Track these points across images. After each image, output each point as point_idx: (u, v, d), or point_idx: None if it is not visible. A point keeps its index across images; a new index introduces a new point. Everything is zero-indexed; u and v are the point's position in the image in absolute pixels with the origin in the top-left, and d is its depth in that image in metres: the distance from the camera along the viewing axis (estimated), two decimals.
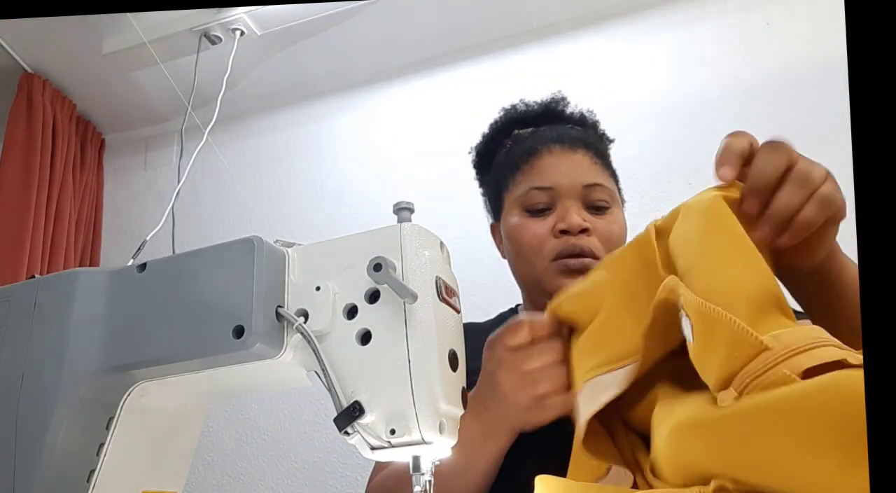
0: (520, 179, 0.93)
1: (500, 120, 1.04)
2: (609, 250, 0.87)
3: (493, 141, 1.04)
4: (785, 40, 1.53)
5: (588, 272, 0.86)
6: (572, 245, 0.86)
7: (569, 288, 0.67)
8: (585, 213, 0.88)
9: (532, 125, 1.00)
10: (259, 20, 1.67)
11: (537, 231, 0.88)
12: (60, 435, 0.55)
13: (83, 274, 0.60)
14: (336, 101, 1.92)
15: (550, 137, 0.94)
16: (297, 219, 1.85)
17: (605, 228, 0.88)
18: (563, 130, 0.96)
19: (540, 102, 1.02)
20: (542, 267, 0.88)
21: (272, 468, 1.64)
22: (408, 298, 0.52)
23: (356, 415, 0.51)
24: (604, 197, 0.90)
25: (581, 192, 0.89)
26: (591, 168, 0.91)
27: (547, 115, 1.01)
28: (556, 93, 1.04)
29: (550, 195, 0.89)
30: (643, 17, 1.67)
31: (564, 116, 1.01)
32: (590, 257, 0.86)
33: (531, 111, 1.02)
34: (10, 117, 1.77)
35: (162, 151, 2.05)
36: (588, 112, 1.05)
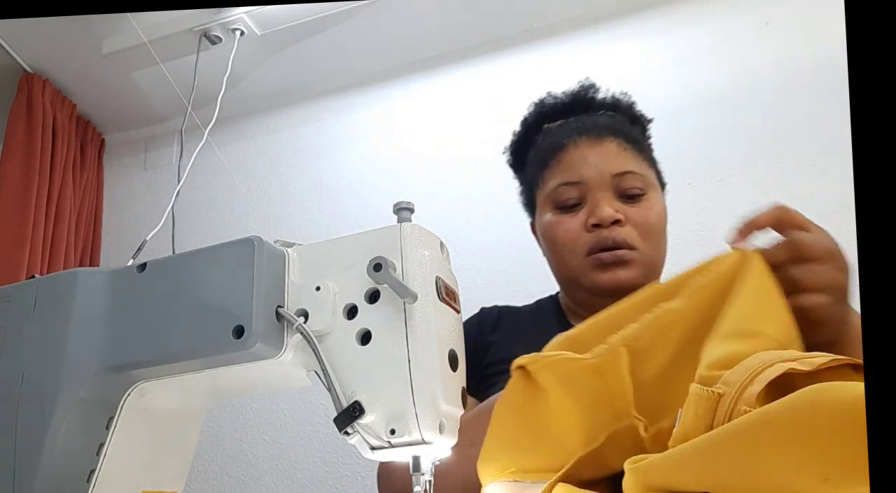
0: (548, 176, 0.91)
1: (530, 115, 1.01)
2: (646, 237, 0.86)
3: (524, 138, 1.01)
4: (784, 40, 1.53)
5: (624, 263, 0.84)
6: (605, 238, 0.84)
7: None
8: (618, 203, 0.86)
9: (561, 117, 0.97)
10: (259, 20, 1.67)
11: (569, 227, 0.87)
12: (60, 435, 0.55)
13: (83, 274, 0.60)
14: (336, 101, 1.92)
15: (576, 128, 0.92)
16: (297, 219, 1.85)
17: (639, 217, 0.86)
18: (589, 120, 0.94)
19: (568, 92, 1.00)
20: (576, 263, 0.87)
21: (272, 468, 1.64)
22: (408, 298, 0.52)
23: (356, 415, 0.51)
24: (636, 184, 0.87)
25: (611, 182, 0.86)
26: (620, 156, 0.88)
27: (576, 104, 0.98)
28: (584, 80, 1.00)
29: (580, 189, 0.87)
30: (643, 18, 1.67)
31: (595, 104, 0.98)
32: (624, 249, 0.84)
33: (560, 103, 0.99)
34: (10, 117, 1.77)
35: (162, 151, 2.05)
36: (621, 95, 1.01)
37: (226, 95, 1.68)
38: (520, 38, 1.76)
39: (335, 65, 1.86)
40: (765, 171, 1.46)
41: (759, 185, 1.46)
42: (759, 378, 0.42)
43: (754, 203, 1.56)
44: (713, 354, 0.48)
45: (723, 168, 1.50)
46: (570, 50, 1.71)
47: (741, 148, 1.50)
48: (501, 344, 0.92)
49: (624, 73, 1.65)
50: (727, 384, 0.44)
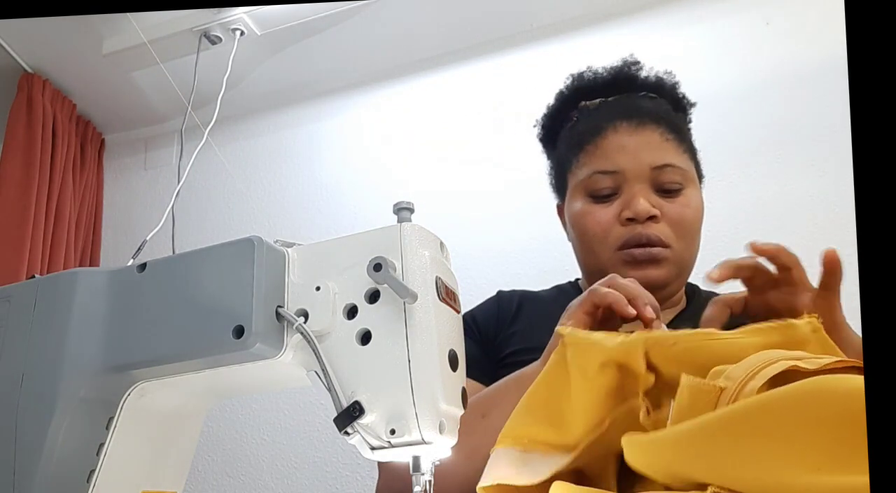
0: (584, 161, 0.86)
1: (566, 90, 0.96)
2: (681, 235, 0.83)
3: (558, 113, 0.96)
4: (785, 40, 1.53)
5: (656, 261, 0.82)
6: (639, 234, 0.81)
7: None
8: (654, 197, 0.83)
9: (601, 95, 0.92)
10: (259, 20, 1.67)
11: (601, 219, 0.83)
12: (60, 435, 0.55)
13: (83, 274, 0.60)
14: (336, 100, 1.92)
15: (617, 112, 0.87)
16: (297, 219, 1.85)
17: (675, 213, 0.83)
18: (631, 103, 0.89)
19: (610, 68, 0.94)
20: (606, 256, 0.84)
21: (272, 468, 1.64)
22: (408, 298, 0.52)
23: (356, 415, 0.51)
24: (675, 178, 0.83)
25: (649, 174, 0.83)
26: (661, 146, 0.84)
27: (618, 82, 0.93)
28: (629, 56, 0.95)
29: (616, 179, 0.83)
30: (642, 18, 1.67)
31: (637, 83, 0.93)
32: (658, 247, 0.81)
33: (600, 79, 0.94)
34: (10, 117, 1.77)
35: (162, 151, 2.05)
36: (666, 74, 0.96)
37: (226, 95, 1.68)
38: (520, 38, 1.76)
39: (335, 65, 1.86)
40: (765, 171, 1.46)
41: (759, 185, 1.46)
42: (762, 374, 0.42)
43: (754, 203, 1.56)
44: None
45: (723, 168, 1.50)
46: (569, 50, 1.71)
47: (741, 148, 1.50)
48: (525, 333, 0.88)
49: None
50: (729, 379, 0.44)
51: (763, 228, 1.42)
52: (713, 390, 0.44)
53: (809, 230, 1.38)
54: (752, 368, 0.44)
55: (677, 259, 0.84)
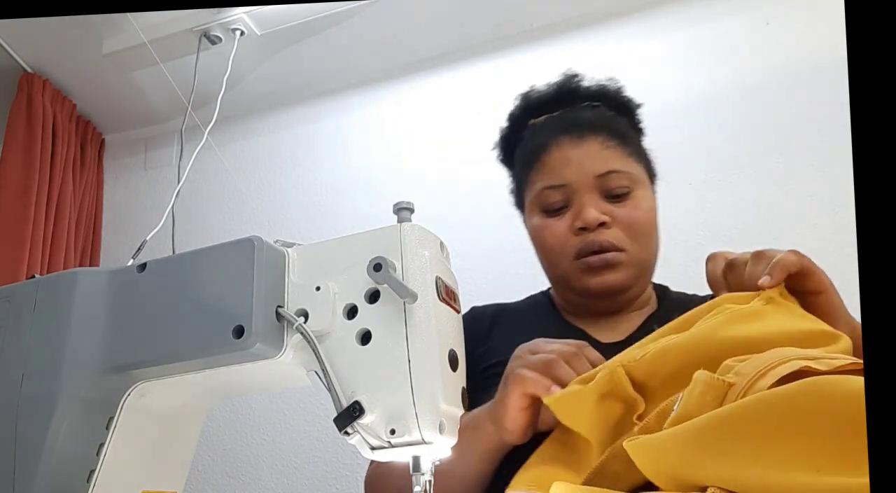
0: (534, 178, 0.89)
1: (515, 110, 0.99)
2: (634, 237, 0.85)
3: (511, 134, 0.99)
4: (784, 40, 1.53)
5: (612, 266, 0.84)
6: (591, 242, 0.83)
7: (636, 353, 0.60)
8: (604, 204, 0.85)
9: (547, 111, 0.95)
10: (259, 20, 1.67)
11: (556, 231, 0.86)
12: (60, 435, 0.55)
13: (83, 274, 0.60)
14: (336, 101, 1.92)
15: (557, 127, 0.90)
16: (297, 219, 1.85)
17: (626, 217, 0.85)
18: (572, 116, 0.91)
19: (552, 84, 0.97)
20: (566, 267, 0.86)
21: (272, 468, 1.64)
22: (408, 298, 0.52)
23: (356, 415, 0.51)
24: (621, 183, 0.85)
25: (595, 183, 0.85)
26: (603, 154, 0.86)
27: (561, 96, 0.95)
28: (568, 70, 0.98)
29: (564, 192, 0.86)
30: (642, 18, 1.67)
31: (580, 94, 0.95)
32: (612, 252, 0.84)
33: (544, 95, 0.96)
34: (10, 117, 1.77)
35: (162, 151, 2.05)
36: (608, 81, 0.99)
37: (226, 95, 1.68)
38: (520, 37, 1.76)
39: (335, 65, 1.86)
40: (765, 171, 1.46)
41: (759, 184, 1.46)
42: (773, 372, 0.42)
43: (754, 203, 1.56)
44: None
45: (723, 168, 1.50)
46: (569, 50, 1.71)
47: (741, 148, 1.50)
48: (500, 346, 0.91)
49: (624, 73, 1.65)
50: (739, 375, 0.44)
51: (763, 228, 1.42)
52: (721, 386, 0.44)
53: (809, 230, 1.38)
54: (764, 365, 0.43)
55: (634, 261, 0.86)
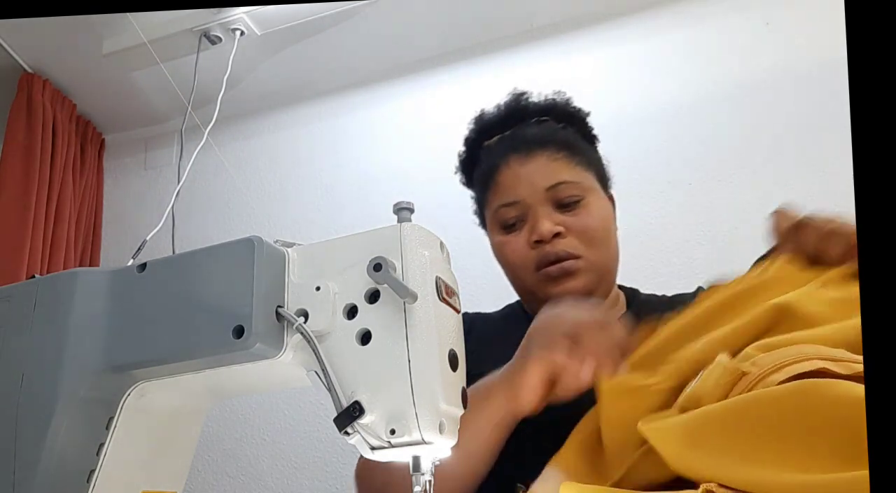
0: (490, 198, 0.93)
1: (470, 134, 1.03)
2: (590, 243, 0.88)
3: (468, 157, 1.04)
4: (785, 40, 1.53)
5: (571, 273, 0.86)
6: (547, 253, 0.87)
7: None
8: (557, 215, 0.88)
9: (498, 131, 0.99)
10: (259, 20, 1.67)
11: (515, 247, 0.89)
12: (60, 435, 0.55)
13: (83, 274, 0.60)
14: (336, 100, 1.92)
15: (507, 147, 0.93)
16: (297, 219, 1.85)
17: (579, 225, 0.88)
18: (519, 134, 0.95)
19: (502, 105, 1.01)
20: (529, 279, 0.90)
21: (272, 468, 1.64)
22: (408, 298, 0.52)
23: (356, 415, 0.51)
24: (571, 192, 0.88)
25: (546, 195, 0.88)
26: (550, 167, 0.89)
27: (510, 116, 0.99)
28: (516, 89, 1.02)
29: (518, 208, 0.89)
30: (643, 18, 1.67)
31: (529, 111, 0.99)
32: (569, 260, 0.86)
33: (495, 117, 1.00)
34: (10, 117, 1.77)
35: (162, 151, 2.05)
36: (556, 94, 1.02)
37: (226, 95, 1.68)
38: (520, 37, 1.76)
39: (335, 65, 1.86)
40: (765, 171, 1.46)
41: (759, 185, 1.46)
42: (787, 369, 0.42)
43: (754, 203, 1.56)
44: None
45: (723, 168, 1.50)
46: (570, 50, 1.71)
47: (741, 148, 1.50)
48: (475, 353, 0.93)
49: (625, 73, 1.65)
50: (755, 365, 0.44)
51: (763, 228, 1.42)
52: (734, 373, 0.44)
53: None
54: (781, 360, 0.43)
55: (591, 266, 0.88)
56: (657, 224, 1.50)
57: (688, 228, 1.48)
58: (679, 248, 1.47)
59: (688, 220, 1.48)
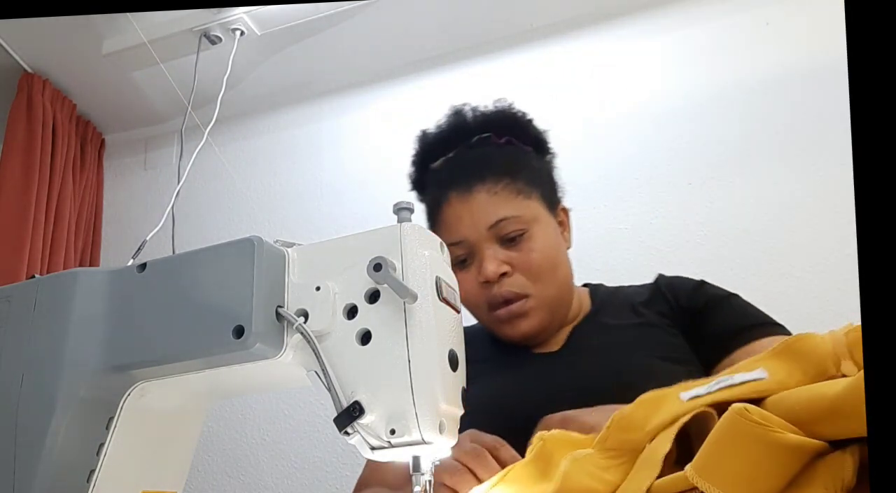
0: (439, 234, 0.91)
1: (415, 157, 1.03)
2: (537, 278, 0.87)
3: (418, 179, 1.03)
4: (784, 40, 1.53)
5: (521, 315, 0.86)
6: (494, 296, 0.86)
7: None
8: (503, 251, 0.87)
9: (442, 153, 0.97)
10: (259, 20, 1.67)
11: (466, 286, 0.88)
12: (60, 435, 0.55)
13: (83, 274, 0.60)
14: (336, 101, 1.92)
15: (447, 182, 0.92)
16: (297, 219, 1.85)
17: (524, 262, 0.87)
18: (458, 166, 0.93)
19: (444, 124, 0.99)
20: (484, 318, 0.90)
21: (272, 468, 1.64)
22: (408, 298, 0.52)
23: (356, 415, 0.51)
24: (514, 228, 0.87)
25: (489, 234, 0.87)
26: (491, 204, 0.87)
27: (452, 136, 0.97)
28: (456, 106, 1.00)
29: (464, 247, 0.88)
30: (643, 18, 1.67)
31: (470, 128, 0.97)
32: (517, 301, 0.86)
33: (437, 137, 0.99)
34: (10, 117, 1.77)
35: (162, 151, 2.05)
36: (497, 103, 1.00)
37: (226, 95, 1.68)
38: (520, 37, 1.76)
39: (335, 65, 1.86)
40: (765, 171, 1.46)
41: (759, 185, 1.46)
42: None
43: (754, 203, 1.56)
44: None
45: (723, 168, 1.50)
46: (570, 50, 1.71)
47: (741, 148, 1.50)
48: None
49: (625, 73, 1.65)
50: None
51: (763, 228, 1.42)
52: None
53: (809, 230, 1.38)
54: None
55: (542, 303, 0.88)
56: (657, 224, 1.50)
57: (688, 229, 1.48)
58: (679, 248, 1.47)
59: (688, 220, 1.48)
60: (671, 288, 0.93)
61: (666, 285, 0.94)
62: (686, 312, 0.89)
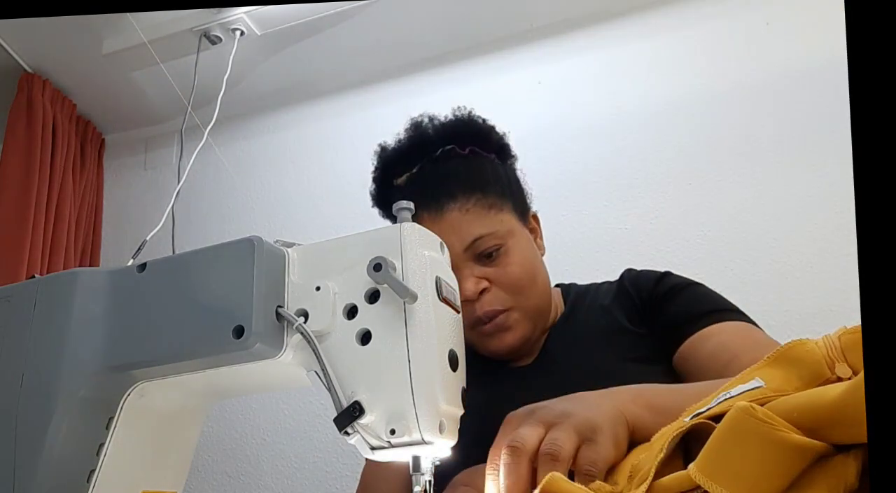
0: None
1: (375, 172, 1.00)
2: (516, 292, 0.86)
3: (381, 195, 1.00)
4: (784, 40, 1.53)
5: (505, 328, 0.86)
6: (477, 315, 0.85)
7: None
8: (479, 267, 0.86)
9: (406, 168, 0.94)
10: (259, 20, 1.67)
11: None
12: (60, 435, 0.55)
13: (83, 274, 0.60)
14: (336, 101, 1.92)
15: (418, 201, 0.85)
16: (297, 219, 1.85)
17: (501, 277, 0.86)
18: (427, 183, 0.90)
19: (404, 136, 0.97)
20: (469, 336, 0.88)
21: (272, 468, 1.64)
22: (408, 298, 0.52)
23: (356, 415, 0.51)
24: (489, 244, 0.86)
25: (464, 254, 0.86)
26: (463, 223, 0.86)
27: (414, 148, 0.95)
28: (416, 117, 0.98)
29: None
30: (643, 18, 1.67)
31: (432, 139, 0.94)
32: (500, 315, 0.85)
33: (399, 151, 0.97)
34: (10, 117, 1.77)
35: (162, 151, 2.05)
36: (457, 111, 0.98)
37: (226, 95, 1.68)
38: (520, 37, 1.76)
39: (335, 65, 1.86)
40: (765, 171, 1.46)
41: (759, 185, 1.46)
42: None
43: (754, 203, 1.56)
44: None
45: (723, 168, 1.50)
46: (570, 50, 1.71)
47: (741, 148, 1.50)
48: None
49: (625, 73, 1.65)
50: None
51: (763, 228, 1.42)
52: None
53: (809, 230, 1.38)
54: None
55: (524, 314, 0.88)
56: (657, 224, 1.50)
57: (688, 229, 1.48)
58: (679, 248, 1.47)
59: (688, 220, 1.48)
60: (634, 284, 0.92)
61: (630, 281, 0.93)
62: (647, 306, 0.88)
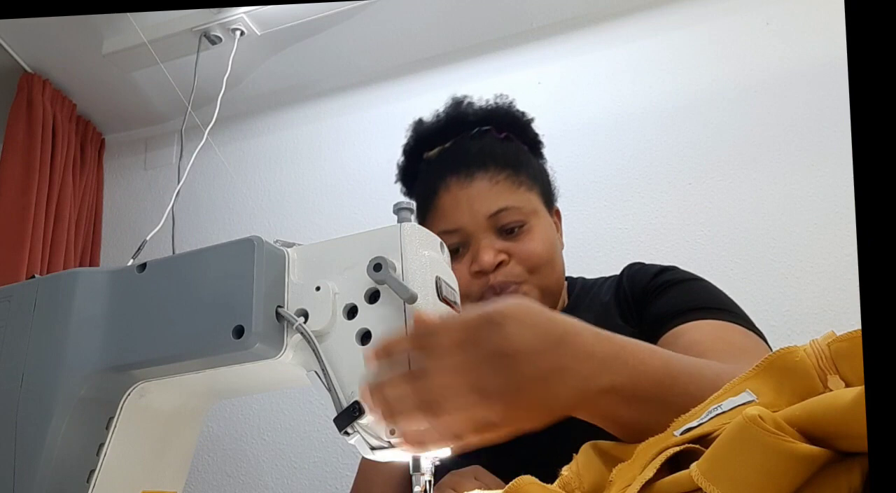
0: (430, 222, 0.89)
1: (408, 143, 0.98)
2: (534, 269, 0.84)
3: (408, 168, 0.98)
4: (784, 40, 1.53)
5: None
6: (491, 287, 0.83)
7: None
8: (500, 241, 0.84)
9: (439, 142, 0.94)
10: (259, 20, 1.67)
11: (457, 277, 0.85)
12: (60, 435, 0.55)
13: (83, 274, 0.60)
14: (336, 101, 1.92)
15: (446, 167, 0.89)
16: (297, 219, 1.85)
17: (523, 252, 0.84)
18: (460, 152, 0.90)
19: (442, 113, 0.96)
20: None
21: (272, 468, 1.64)
22: (408, 298, 0.52)
23: (356, 415, 0.51)
24: (514, 218, 0.84)
25: (488, 223, 0.84)
26: (493, 192, 0.85)
27: (451, 125, 0.94)
28: (456, 96, 0.97)
29: (459, 235, 0.85)
30: (643, 18, 1.67)
31: (469, 119, 0.94)
32: (511, 287, 0.83)
33: (435, 126, 0.96)
34: (10, 117, 1.77)
35: (162, 151, 2.05)
36: (498, 98, 0.97)
37: (226, 95, 1.68)
38: (520, 37, 1.76)
39: (335, 65, 1.86)
40: (765, 171, 1.46)
41: (759, 185, 1.46)
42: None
43: (754, 203, 1.56)
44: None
45: (723, 168, 1.50)
46: (570, 50, 1.71)
47: (741, 148, 1.50)
48: None
49: (625, 73, 1.65)
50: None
51: (763, 228, 1.42)
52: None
53: (809, 230, 1.38)
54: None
55: (537, 291, 0.85)
56: (657, 224, 1.50)
57: (688, 229, 1.48)
58: (679, 248, 1.47)
59: (688, 220, 1.48)
60: (631, 280, 0.89)
61: (628, 278, 0.90)
62: (638, 302, 0.86)
